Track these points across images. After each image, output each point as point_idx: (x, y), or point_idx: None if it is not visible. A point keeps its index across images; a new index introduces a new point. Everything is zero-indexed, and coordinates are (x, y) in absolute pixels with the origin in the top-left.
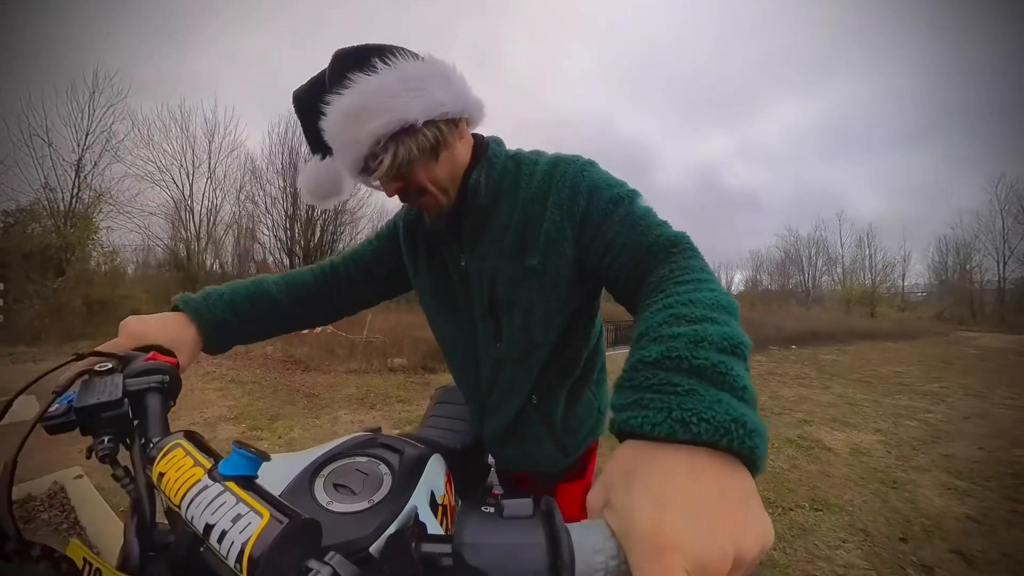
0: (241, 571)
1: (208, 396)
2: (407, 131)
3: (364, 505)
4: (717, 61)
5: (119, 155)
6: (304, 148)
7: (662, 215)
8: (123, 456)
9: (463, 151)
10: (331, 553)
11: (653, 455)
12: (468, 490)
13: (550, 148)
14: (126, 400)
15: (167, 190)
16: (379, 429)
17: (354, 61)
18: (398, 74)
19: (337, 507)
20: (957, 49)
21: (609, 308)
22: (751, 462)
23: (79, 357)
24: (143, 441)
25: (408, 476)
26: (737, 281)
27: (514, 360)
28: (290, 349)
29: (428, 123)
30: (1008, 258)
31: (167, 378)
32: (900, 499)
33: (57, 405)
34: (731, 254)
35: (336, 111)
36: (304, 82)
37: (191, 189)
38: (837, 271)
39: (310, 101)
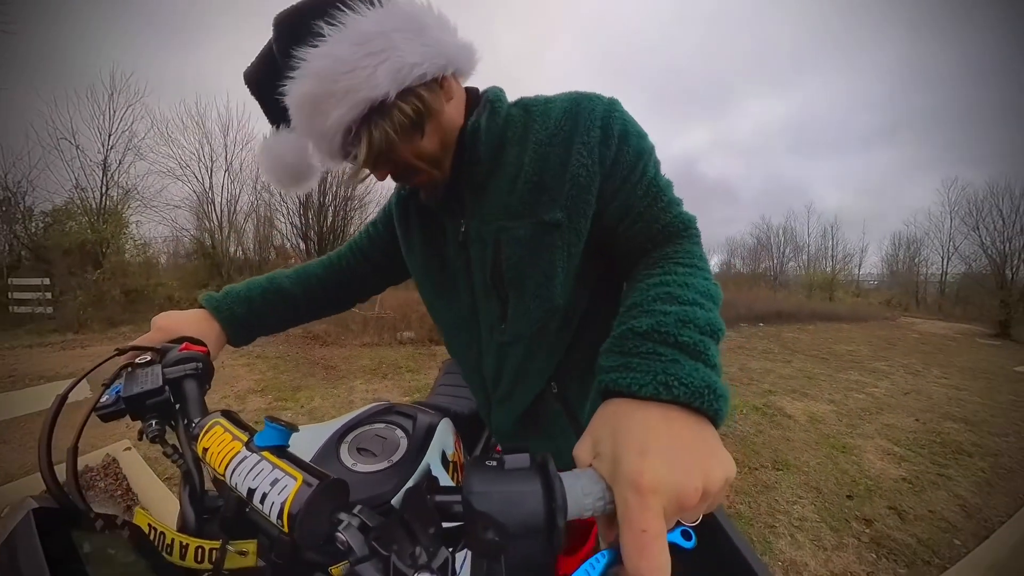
0: (283, 526)
1: (237, 372)
2: (378, 110)
3: (384, 465)
4: (695, 58)
5: (141, 153)
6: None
7: None
8: (170, 436)
9: (454, 113)
10: (358, 507)
11: (635, 411)
12: (475, 449)
13: None
14: (166, 387)
15: (189, 184)
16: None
17: (297, 31)
18: (351, 36)
19: (361, 468)
20: (923, 57)
21: None
22: (714, 420)
23: (120, 352)
24: (185, 422)
25: (421, 439)
26: (713, 264)
27: (527, 340)
28: (309, 326)
29: (403, 93)
30: (952, 255)
31: (200, 365)
32: (848, 462)
33: (107, 396)
34: (708, 239)
35: (292, 104)
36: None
37: (211, 182)
38: (802, 258)
39: (261, 78)
